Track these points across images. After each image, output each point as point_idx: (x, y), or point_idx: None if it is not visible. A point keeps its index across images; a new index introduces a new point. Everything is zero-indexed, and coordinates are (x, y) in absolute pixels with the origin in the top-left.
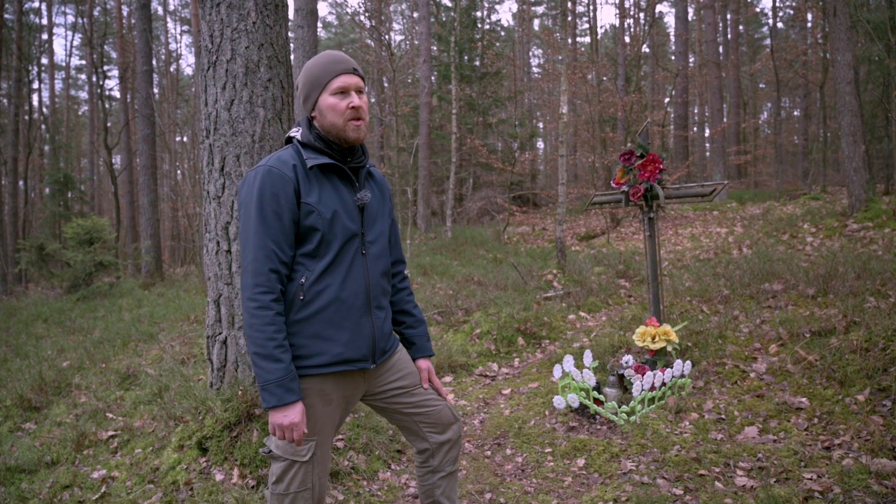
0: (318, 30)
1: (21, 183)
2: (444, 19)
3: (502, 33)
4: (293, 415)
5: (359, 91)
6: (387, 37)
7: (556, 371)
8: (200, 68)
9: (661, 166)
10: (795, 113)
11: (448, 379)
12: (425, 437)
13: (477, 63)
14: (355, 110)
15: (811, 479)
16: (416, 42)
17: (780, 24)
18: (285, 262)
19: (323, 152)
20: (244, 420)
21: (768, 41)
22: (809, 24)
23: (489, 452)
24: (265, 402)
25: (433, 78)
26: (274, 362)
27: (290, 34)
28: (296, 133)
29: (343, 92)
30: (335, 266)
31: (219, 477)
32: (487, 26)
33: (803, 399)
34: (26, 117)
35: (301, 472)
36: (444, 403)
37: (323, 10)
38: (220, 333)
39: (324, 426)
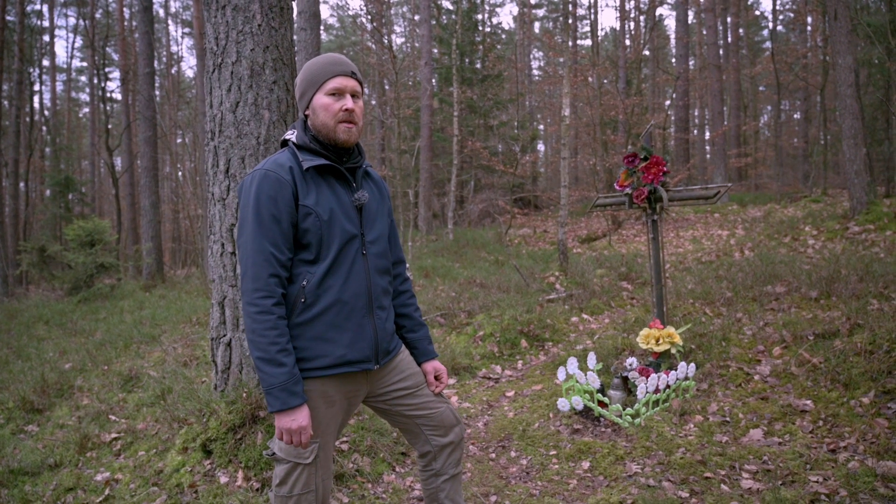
0: (320, 32)
1: (22, 185)
2: (445, 22)
3: (503, 36)
4: (301, 418)
5: (354, 95)
6: (387, 39)
7: (560, 373)
8: (205, 70)
9: (665, 168)
10: (795, 116)
11: (451, 381)
12: (427, 439)
13: (478, 66)
14: (347, 113)
15: (817, 482)
16: (418, 45)
17: (780, 28)
18: (285, 266)
19: (318, 153)
20: (249, 422)
21: (768, 44)
22: (809, 28)
23: (494, 455)
24: (270, 407)
25: (434, 80)
26: (277, 367)
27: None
28: (291, 135)
29: (338, 93)
30: (336, 268)
31: (223, 479)
32: (488, 29)
33: (808, 401)
34: (27, 119)
35: (305, 474)
36: (446, 406)
37: (324, 12)
38: (224, 335)
39: (327, 428)
